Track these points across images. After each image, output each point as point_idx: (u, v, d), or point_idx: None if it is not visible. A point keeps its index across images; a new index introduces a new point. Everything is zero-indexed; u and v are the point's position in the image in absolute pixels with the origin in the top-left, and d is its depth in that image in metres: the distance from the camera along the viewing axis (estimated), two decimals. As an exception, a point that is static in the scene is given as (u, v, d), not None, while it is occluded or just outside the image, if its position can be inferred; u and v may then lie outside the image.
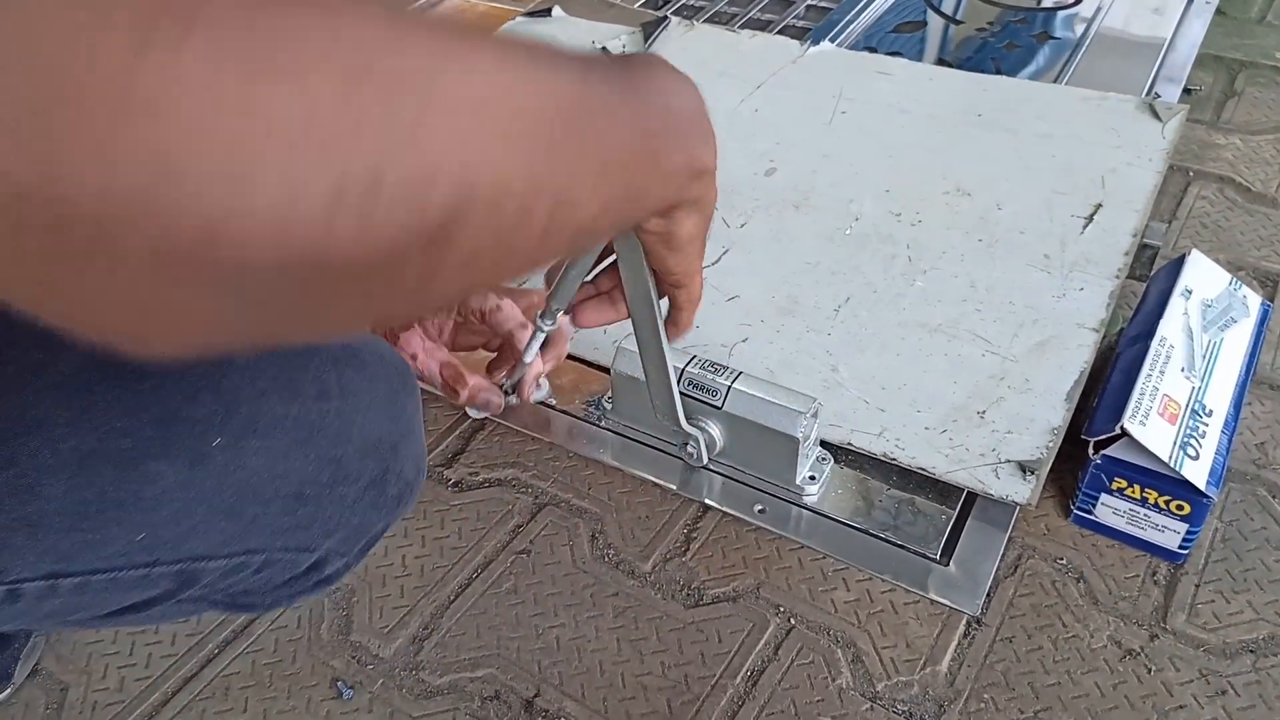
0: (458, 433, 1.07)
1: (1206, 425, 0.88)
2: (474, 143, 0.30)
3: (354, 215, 0.27)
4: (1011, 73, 1.36)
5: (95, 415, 0.49)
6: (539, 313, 0.75)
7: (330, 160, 0.26)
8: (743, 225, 1.10)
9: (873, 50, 1.41)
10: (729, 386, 0.82)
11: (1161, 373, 0.90)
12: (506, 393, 0.85)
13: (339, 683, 0.86)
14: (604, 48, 1.40)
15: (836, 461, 0.85)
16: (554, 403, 0.93)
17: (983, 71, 1.33)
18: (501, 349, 0.88)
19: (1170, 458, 0.84)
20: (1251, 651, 0.83)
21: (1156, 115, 1.19)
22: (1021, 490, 0.79)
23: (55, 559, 0.49)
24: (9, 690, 0.87)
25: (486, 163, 0.31)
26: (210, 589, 0.58)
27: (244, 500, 0.54)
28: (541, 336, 0.78)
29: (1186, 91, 1.41)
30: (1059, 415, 0.84)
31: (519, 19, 1.54)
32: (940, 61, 1.40)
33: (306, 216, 0.26)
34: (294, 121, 0.25)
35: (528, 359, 0.81)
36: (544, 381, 0.88)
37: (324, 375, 0.57)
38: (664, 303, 0.65)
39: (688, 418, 0.84)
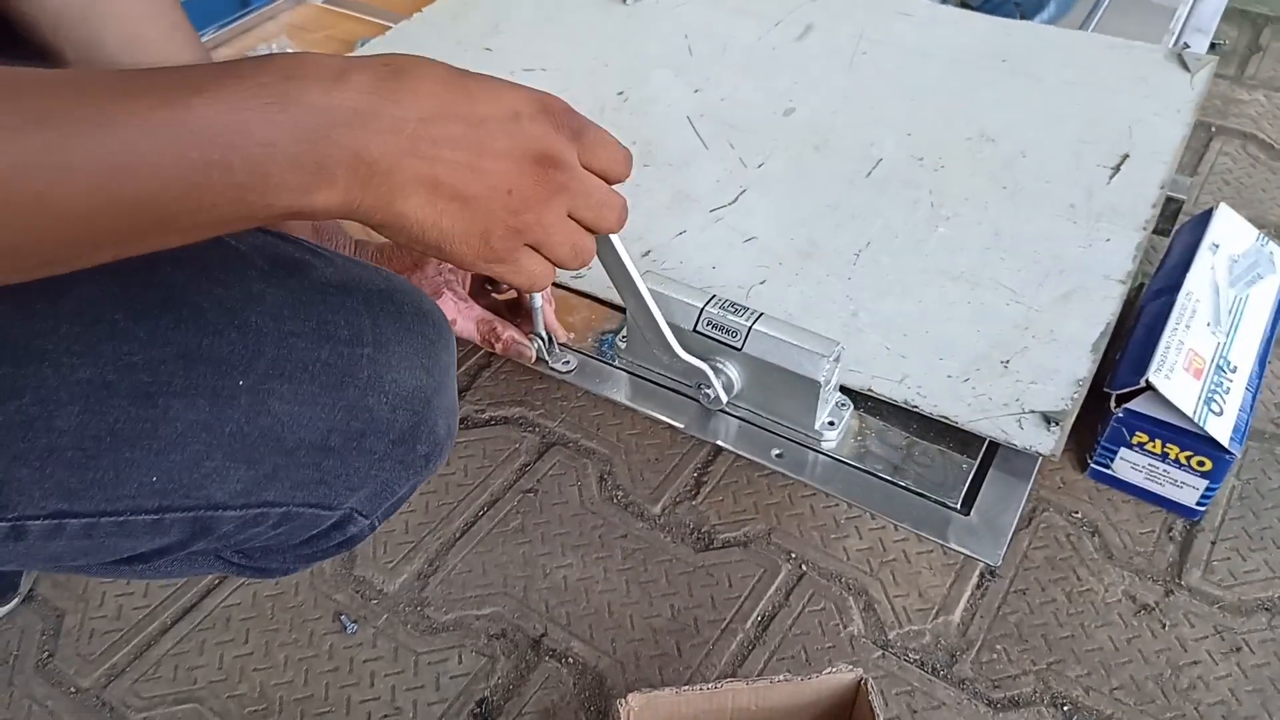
0: (463, 369, 1.05)
1: (1231, 381, 0.87)
2: None
3: None
4: (1035, 18, 1.32)
5: (112, 347, 0.46)
6: None
7: None
8: (760, 165, 1.07)
9: (894, -9, 1.37)
10: (749, 327, 0.80)
11: (1188, 327, 0.88)
12: (546, 340, 0.86)
13: (342, 616, 0.85)
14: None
15: (856, 407, 0.84)
16: (570, 338, 0.91)
17: (1005, 16, 1.29)
18: (519, 297, 0.87)
19: (1194, 413, 0.82)
20: (1267, 609, 0.83)
21: (1185, 66, 1.16)
22: (1046, 441, 0.77)
23: (63, 497, 0.46)
24: (16, 600, 0.85)
25: None
26: (225, 542, 0.55)
27: (266, 447, 0.51)
28: None
29: (1212, 46, 1.38)
30: (1084, 366, 0.82)
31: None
32: (964, 5, 1.36)
33: None
34: None
35: (536, 303, 0.83)
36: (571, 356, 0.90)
37: (358, 320, 0.53)
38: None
39: (705, 358, 0.82)
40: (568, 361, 0.88)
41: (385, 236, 0.46)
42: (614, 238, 0.61)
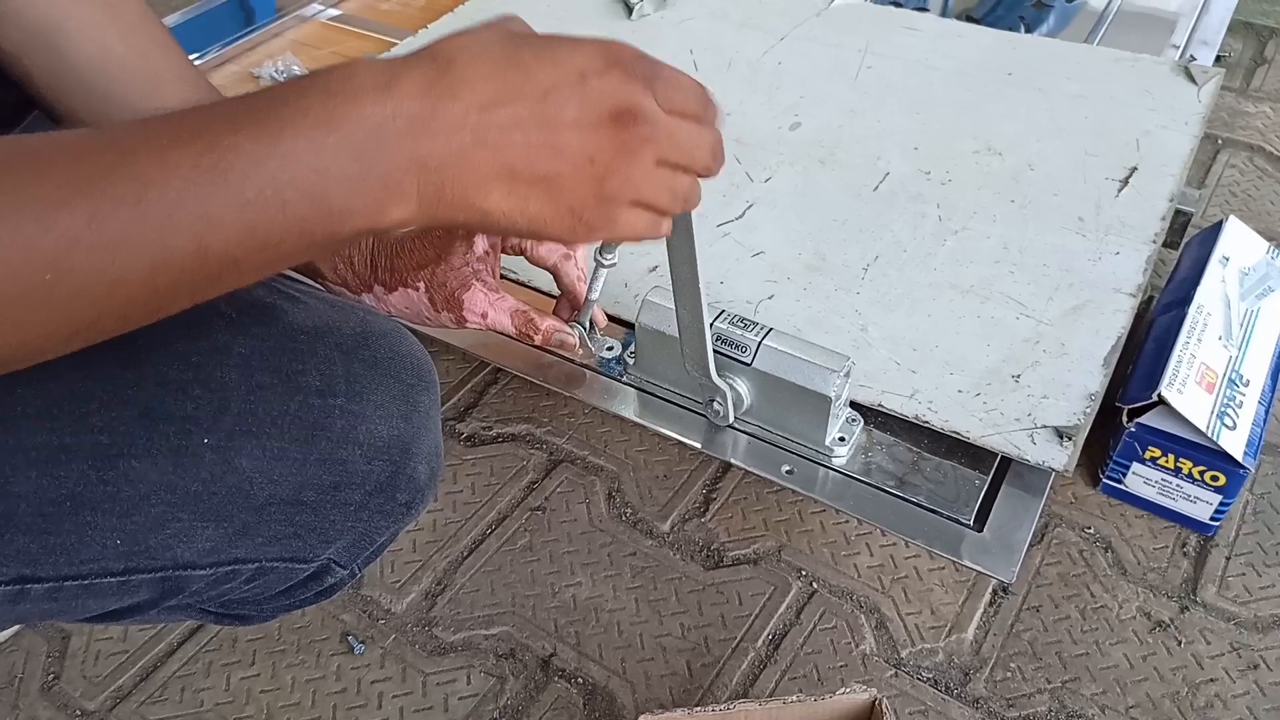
0: (470, 386, 1.04)
1: (1244, 395, 0.86)
2: None
3: None
4: (1034, 32, 1.32)
5: (70, 407, 0.45)
6: (597, 249, 0.72)
7: None
8: (767, 180, 1.07)
9: (899, 4, 1.38)
10: (759, 343, 0.79)
11: (1199, 340, 0.88)
12: (586, 328, 0.82)
13: (350, 637, 0.84)
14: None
15: (866, 423, 0.83)
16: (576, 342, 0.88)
17: (1010, 30, 1.29)
18: (560, 288, 0.83)
19: (1208, 427, 0.82)
20: (1284, 626, 0.82)
21: (1192, 78, 1.16)
22: (1059, 456, 0.76)
23: (24, 563, 0.45)
24: (16, 627, 0.85)
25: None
26: (198, 598, 0.54)
27: (234, 505, 0.50)
28: (604, 273, 0.75)
29: (1217, 58, 1.38)
30: (1096, 380, 0.82)
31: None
32: (967, 18, 1.36)
33: None
34: None
35: (594, 296, 0.77)
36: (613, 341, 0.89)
37: (330, 368, 0.52)
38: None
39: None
40: (611, 347, 0.87)
41: (477, 233, 0.44)
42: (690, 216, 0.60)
